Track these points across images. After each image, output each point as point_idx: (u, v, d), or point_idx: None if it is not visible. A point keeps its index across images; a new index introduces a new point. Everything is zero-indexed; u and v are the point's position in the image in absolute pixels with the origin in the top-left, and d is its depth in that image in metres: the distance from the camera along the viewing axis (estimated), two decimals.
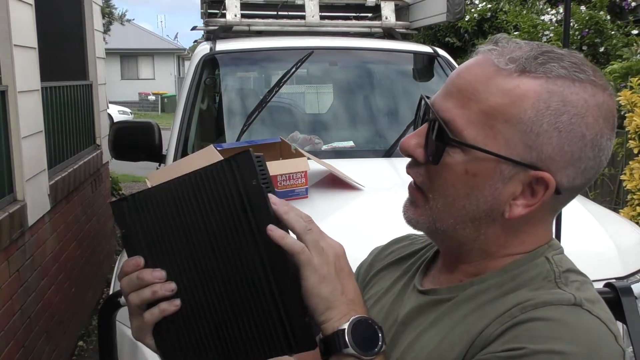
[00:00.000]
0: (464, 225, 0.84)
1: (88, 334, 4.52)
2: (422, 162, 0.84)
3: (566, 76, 0.79)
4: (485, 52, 0.84)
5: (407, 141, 0.85)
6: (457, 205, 0.83)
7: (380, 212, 2.23)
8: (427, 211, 0.85)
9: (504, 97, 0.79)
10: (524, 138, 0.79)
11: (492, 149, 0.79)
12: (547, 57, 0.80)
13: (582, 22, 6.16)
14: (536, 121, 0.78)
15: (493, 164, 0.80)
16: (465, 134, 0.80)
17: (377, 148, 3.13)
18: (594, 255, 2.03)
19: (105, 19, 14.25)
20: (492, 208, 0.82)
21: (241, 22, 3.96)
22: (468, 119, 0.80)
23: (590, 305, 0.76)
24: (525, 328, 0.73)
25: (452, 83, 0.84)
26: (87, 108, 5.19)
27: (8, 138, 3.15)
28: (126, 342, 1.91)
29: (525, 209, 0.81)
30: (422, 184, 0.85)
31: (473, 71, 0.82)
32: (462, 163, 0.81)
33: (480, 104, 0.79)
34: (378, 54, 3.69)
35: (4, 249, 2.89)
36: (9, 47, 3.13)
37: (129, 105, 24.85)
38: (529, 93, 0.78)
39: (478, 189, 0.81)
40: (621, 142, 4.74)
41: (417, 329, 0.88)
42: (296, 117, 3.69)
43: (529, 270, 0.83)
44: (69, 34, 4.88)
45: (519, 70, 0.79)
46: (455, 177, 0.82)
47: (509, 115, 0.78)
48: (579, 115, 0.78)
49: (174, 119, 3.21)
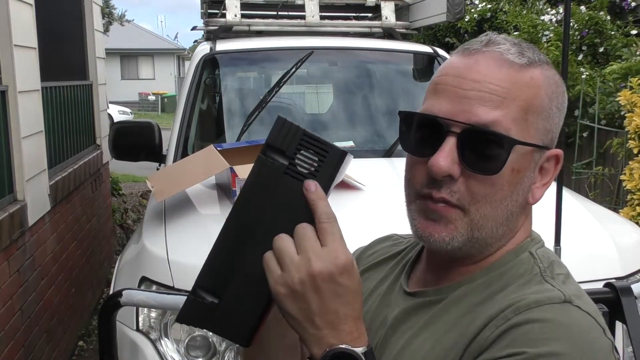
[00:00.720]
0: (500, 226, 0.83)
1: (88, 334, 4.52)
2: (457, 177, 0.80)
3: (545, 61, 0.85)
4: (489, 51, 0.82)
5: (442, 161, 0.79)
6: (502, 205, 0.82)
7: (380, 212, 2.23)
8: (465, 224, 0.81)
9: (529, 90, 0.82)
10: (545, 124, 0.83)
11: (530, 140, 0.82)
12: (526, 45, 0.85)
13: (582, 23, 6.16)
14: (550, 106, 0.84)
15: (530, 155, 0.82)
16: (512, 133, 0.80)
17: (377, 148, 3.13)
18: (594, 255, 2.03)
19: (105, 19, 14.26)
20: (525, 198, 0.84)
21: (241, 22, 3.96)
22: (510, 118, 0.80)
23: (579, 300, 0.77)
24: (522, 331, 0.74)
25: (469, 89, 0.80)
26: (87, 108, 5.19)
27: (8, 138, 3.15)
28: (126, 342, 1.92)
29: (543, 189, 0.85)
30: (462, 200, 0.81)
31: (491, 70, 0.81)
32: (510, 163, 0.80)
33: (516, 101, 0.80)
34: (378, 54, 3.69)
35: (4, 249, 2.89)
36: (9, 47, 3.13)
37: (129, 105, 24.85)
38: (540, 82, 0.83)
39: (520, 183, 0.83)
40: (621, 142, 4.74)
41: (407, 333, 0.86)
42: (296, 117, 3.69)
43: (515, 267, 0.84)
44: (69, 34, 4.88)
45: (529, 63, 0.83)
46: (504, 179, 0.81)
47: (535, 106, 0.82)
48: (563, 92, 0.86)
49: (174, 119, 3.21)
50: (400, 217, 1.03)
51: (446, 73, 0.83)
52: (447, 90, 0.81)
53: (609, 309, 1.53)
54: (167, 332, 1.89)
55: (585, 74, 5.61)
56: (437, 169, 0.79)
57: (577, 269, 0.89)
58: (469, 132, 0.79)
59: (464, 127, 0.79)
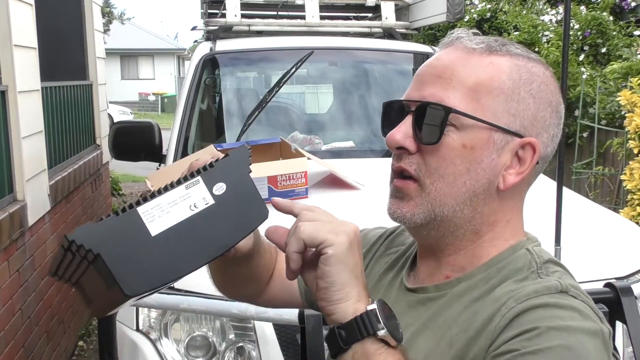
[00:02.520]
0: (462, 206, 0.86)
1: (88, 334, 4.52)
2: (413, 151, 0.87)
3: (523, 54, 0.89)
4: (452, 41, 0.91)
5: (393, 135, 0.88)
6: (458, 182, 0.85)
7: (380, 212, 2.23)
8: (424, 199, 0.87)
9: (483, 72, 0.86)
10: (507, 107, 0.85)
11: (484, 119, 0.85)
12: (502, 42, 0.90)
13: (585, 23, 6.16)
14: (515, 90, 0.86)
15: (486, 134, 0.85)
16: (459, 109, 0.85)
17: (377, 148, 3.13)
18: (594, 255, 2.03)
19: (105, 19, 14.25)
20: (490, 181, 0.86)
21: (241, 22, 3.96)
22: (455, 96, 0.85)
23: (576, 290, 0.80)
24: (528, 314, 0.76)
25: (425, 73, 0.89)
26: (87, 108, 5.19)
27: (8, 138, 3.15)
28: (126, 342, 1.92)
29: (517, 177, 0.86)
30: (418, 171, 0.87)
31: (447, 56, 0.88)
32: (459, 138, 0.85)
33: (463, 82, 0.85)
34: (378, 54, 3.69)
35: (4, 249, 2.89)
36: (9, 47, 3.13)
37: (129, 105, 24.85)
38: (502, 67, 0.86)
39: (476, 161, 0.85)
40: (621, 142, 4.75)
41: (409, 330, 0.87)
42: (296, 117, 3.69)
43: (512, 262, 0.86)
44: (69, 34, 4.88)
45: (488, 50, 0.87)
46: (454, 153, 0.85)
47: (491, 88, 0.85)
48: (544, 83, 0.88)
49: (174, 119, 3.21)
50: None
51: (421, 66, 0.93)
52: (414, 79, 0.91)
53: (609, 309, 1.53)
54: (167, 332, 1.89)
55: (585, 74, 5.61)
56: (389, 141, 0.89)
57: (577, 269, 0.89)
58: (419, 108, 0.87)
59: (416, 104, 0.87)
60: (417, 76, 0.90)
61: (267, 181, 2.29)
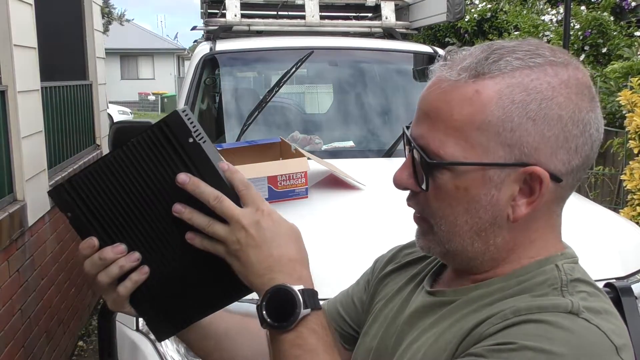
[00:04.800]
0: (471, 241, 0.83)
1: (88, 334, 4.52)
2: (417, 191, 0.85)
3: (522, 66, 0.78)
4: (437, 69, 0.84)
5: (399, 175, 0.86)
6: (459, 223, 0.82)
7: (380, 212, 2.23)
8: (435, 237, 0.85)
9: (467, 107, 0.78)
10: (500, 139, 0.78)
11: (473, 159, 0.79)
12: (499, 54, 0.79)
13: (585, 23, 6.16)
14: (506, 119, 0.77)
15: (480, 173, 0.79)
16: (442, 154, 0.80)
17: (377, 148, 3.13)
18: (594, 255, 2.03)
19: (104, 19, 14.25)
20: (495, 215, 0.81)
21: (241, 22, 3.96)
22: (440, 139, 0.80)
23: (591, 314, 0.74)
24: (517, 328, 0.73)
25: (419, 108, 0.85)
26: (87, 108, 5.19)
27: (8, 138, 3.15)
28: (126, 342, 1.91)
29: (527, 207, 0.80)
30: (423, 212, 0.86)
31: (432, 92, 0.82)
32: (451, 181, 0.81)
33: (446, 122, 0.79)
34: (378, 54, 3.69)
35: (4, 249, 2.89)
36: (9, 47, 3.13)
37: (129, 105, 24.84)
38: (490, 94, 0.78)
39: (474, 201, 0.81)
40: (621, 142, 4.75)
41: (419, 329, 0.88)
42: (296, 117, 3.69)
43: (535, 277, 0.81)
44: (69, 34, 4.88)
45: (473, 76, 0.79)
46: (449, 196, 0.81)
47: (478, 123, 0.78)
48: (547, 98, 0.77)
49: None
50: (400, 217, 1.03)
51: None
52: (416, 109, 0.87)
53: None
54: None
55: None
56: (395, 179, 0.87)
57: None
58: (413, 151, 0.84)
59: (412, 143, 0.84)
60: (417, 105, 0.86)
61: (267, 181, 2.29)
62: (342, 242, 2.01)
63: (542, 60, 0.79)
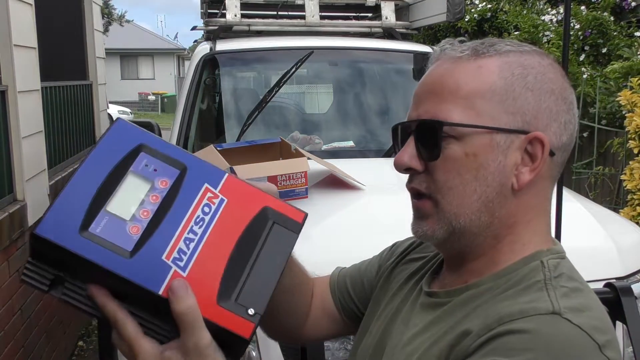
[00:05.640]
0: (479, 214, 0.84)
1: (88, 334, 4.52)
2: (420, 169, 0.87)
3: (514, 50, 0.87)
4: (438, 55, 0.90)
5: (400, 157, 0.88)
6: (468, 191, 0.84)
7: (380, 212, 2.23)
8: (440, 215, 0.86)
9: (472, 78, 0.85)
10: (504, 107, 0.84)
11: (482, 123, 0.84)
12: (491, 42, 0.88)
13: (585, 23, 6.16)
14: (508, 88, 0.84)
15: (487, 139, 0.83)
16: (454, 120, 0.84)
17: (377, 148, 3.13)
18: (594, 255, 2.03)
19: (104, 20, 14.25)
20: (501, 183, 0.84)
21: (241, 22, 3.96)
22: (448, 109, 0.84)
23: (572, 314, 0.75)
24: (501, 341, 0.73)
25: (419, 91, 0.89)
26: (87, 108, 5.19)
27: (8, 138, 3.15)
28: None
29: (531, 174, 0.84)
30: (428, 189, 0.86)
31: (436, 70, 0.88)
32: (460, 148, 0.84)
33: (453, 93, 0.85)
34: (378, 54, 3.69)
35: (4, 249, 2.89)
36: (9, 47, 3.13)
37: (129, 105, 24.86)
38: (491, 68, 0.85)
39: (482, 167, 0.83)
40: (621, 142, 4.75)
41: (414, 329, 0.89)
42: (296, 117, 3.69)
43: (520, 274, 0.83)
44: (69, 34, 4.88)
45: (474, 55, 0.86)
46: (458, 164, 0.84)
47: (482, 92, 0.84)
48: (541, 73, 0.85)
49: (174, 119, 3.21)
50: (400, 217, 1.03)
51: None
52: (412, 99, 0.91)
53: (609, 309, 1.53)
54: None
55: (586, 74, 5.61)
56: (396, 164, 0.88)
57: (577, 269, 0.88)
58: (417, 127, 0.87)
59: (415, 123, 0.87)
60: (414, 96, 0.90)
61: (267, 181, 2.29)
62: (342, 242, 2.01)
63: (529, 49, 0.89)
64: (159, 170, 0.76)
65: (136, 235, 0.71)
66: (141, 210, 0.73)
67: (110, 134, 0.78)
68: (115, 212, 0.72)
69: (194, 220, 0.74)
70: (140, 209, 0.73)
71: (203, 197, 0.76)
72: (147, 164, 0.76)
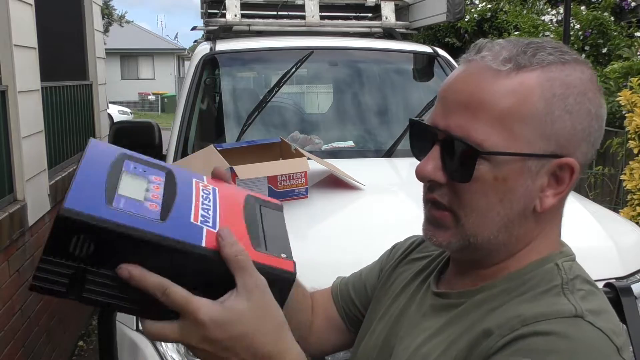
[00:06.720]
0: (497, 234, 0.83)
1: (88, 334, 4.52)
2: (444, 182, 0.83)
3: (556, 61, 0.81)
4: (475, 59, 0.83)
5: (424, 167, 0.83)
6: (491, 213, 0.82)
7: (380, 212, 2.23)
8: (460, 229, 0.84)
9: (512, 97, 0.79)
10: (541, 131, 0.80)
11: (516, 150, 0.80)
12: (533, 49, 0.82)
13: (585, 23, 6.17)
14: (548, 111, 0.79)
15: (520, 164, 0.80)
16: (487, 145, 0.79)
17: (377, 148, 3.13)
18: (594, 255, 2.03)
19: (105, 20, 14.26)
20: (525, 206, 0.82)
21: (241, 22, 3.96)
22: (484, 130, 0.79)
23: (593, 317, 0.75)
24: (526, 343, 0.73)
25: (451, 98, 0.83)
26: (87, 108, 5.19)
27: (8, 138, 3.15)
28: (126, 342, 1.91)
29: (555, 198, 0.82)
30: (451, 203, 0.84)
31: (472, 81, 0.81)
32: (490, 171, 0.80)
33: (491, 112, 0.79)
34: (378, 54, 3.69)
35: (4, 249, 2.89)
36: (9, 47, 3.13)
37: (129, 105, 24.84)
38: (533, 86, 0.79)
39: (510, 192, 0.81)
40: (621, 142, 4.75)
41: (426, 332, 0.87)
42: (296, 117, 3.69)
43: (537, 276, 0.82)
44: (69, 34, 4.87)
45: (516, 68, 0.80)
46: (486, 187, 0.81)
47: (522, 114, 0.79)
48: (582, 93, 0.81)
49: (174, 119, 3.21)
50: (401, 217, 1.03)
51: (445, 83, 0.86)
52: (439, 100, 0.85)
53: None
54: None
55: None
56: (419, 174, 0.84)
57: None
58: (447, 140, 0.82)
59: (445, 135, 0.82)
60: (442, 98, 0.84)
61: (267, 181, 2.29)
62: (342, 242, 2.01)
63: (570, 58, 0.82)
64: (148, 172, 0.79)
65: (157, 210, 0.73)
66: (151, 194, 0.75)
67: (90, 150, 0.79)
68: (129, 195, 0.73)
69: (201, 197, 0.79)
70: (149, 194, 0.75)
71: (198, 186, 0.82)
72: (136, 167, 0.79)
